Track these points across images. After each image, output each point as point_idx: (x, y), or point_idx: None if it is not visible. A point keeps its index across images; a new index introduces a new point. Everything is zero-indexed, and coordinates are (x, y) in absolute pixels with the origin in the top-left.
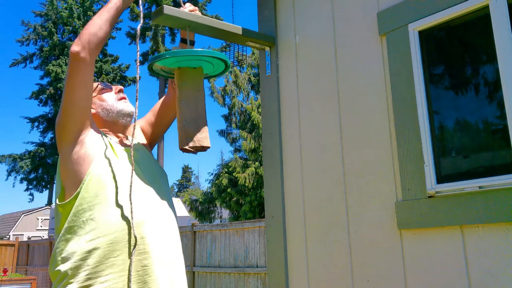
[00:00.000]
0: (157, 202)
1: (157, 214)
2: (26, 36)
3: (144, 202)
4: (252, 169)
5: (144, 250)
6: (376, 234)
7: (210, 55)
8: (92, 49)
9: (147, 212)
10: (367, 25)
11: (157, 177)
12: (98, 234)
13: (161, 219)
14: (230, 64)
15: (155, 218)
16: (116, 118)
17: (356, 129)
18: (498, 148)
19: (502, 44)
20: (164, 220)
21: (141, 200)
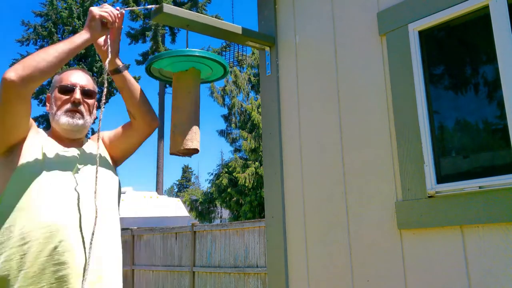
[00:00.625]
0: (85, 207)
1: (79, 220)
2: (26, 36)
3: (64, 208)
4: (252, 169)
5: (59, 261)
6: (376, 234)
7: (207, 56)
8: (30, 82)
9: (64, 219)
10: (367, 25)
11: (93, 183)
12: (9, 245)
13: (86, 226)
14: (228, 70)
15: (76, 224)
16: (57, 128)
17: (356, 129)
18: (498, 148)
19: (502, 44)
20: (87, 227)
21: (58, 205)
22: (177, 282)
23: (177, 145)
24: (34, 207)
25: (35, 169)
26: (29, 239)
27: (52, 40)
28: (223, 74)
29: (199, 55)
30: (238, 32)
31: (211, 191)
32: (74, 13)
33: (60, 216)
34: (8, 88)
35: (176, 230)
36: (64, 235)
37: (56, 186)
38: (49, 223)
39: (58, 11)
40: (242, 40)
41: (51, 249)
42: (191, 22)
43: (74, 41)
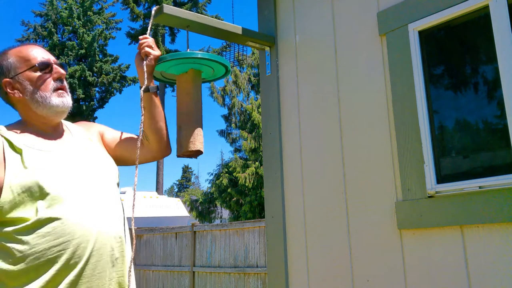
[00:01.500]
0: (89, 202)
1: (93, 217)
2: (26, 36)
3: (69, 203)
4: (252, 169)
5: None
6: (376, 234)
7: (209, 58)
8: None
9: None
10: (367, 25)
11: (102, 187)
12: (16, 254)
13: (95, 223)
14: (230, 69)
15: (88, 221)
16: (47, 114)
17: (356, 129)
18: (498, 148)
19: (502, 44)
20: (101, 225)
21: (65, 202)
22: (177, 282)
23: (181, 147)
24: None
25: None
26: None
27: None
28: (224, 73)
29: (201, 57)
30: (238, 32)
31: (211, 191)
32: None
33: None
34: None
35: (176, 230)
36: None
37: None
38: (83, 229)
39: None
40: (242, 40)
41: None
42: (191, 23)
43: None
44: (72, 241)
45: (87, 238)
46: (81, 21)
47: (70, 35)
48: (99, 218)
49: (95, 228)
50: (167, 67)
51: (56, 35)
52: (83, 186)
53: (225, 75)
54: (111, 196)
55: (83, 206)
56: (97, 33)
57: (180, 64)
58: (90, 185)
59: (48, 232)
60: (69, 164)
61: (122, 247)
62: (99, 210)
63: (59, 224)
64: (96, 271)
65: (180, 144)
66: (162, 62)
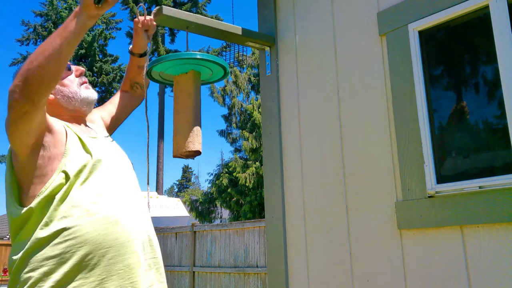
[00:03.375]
0: (133, 199)
1: (135, 213)
2: (26, 36)
3: (122, 201)
4: (253, 169)
5: (126, 255)
6: (376, 234)
7: (207, 59)
8: (41, 97)
9: (126, 212)
10: (367, 25)
11: (129, 169)
12: (72, 236)
13: (140, 218)
14: (229, 71)
15: (134, 217)
16: (79, 106)
17: (356, 129)
18: (498, 148)
19: (502, 44)
20: (142, 219)
21: (118, 198)
22: (177, 282)
23: (179, 147)
24: (92, 199)
25: (82, 158)
26: (93, 232)
27: None
28: (223, 75)
29: (199, 58)
30: (238, 32)
31: (211, 191)
32: None
33: (119, 210)
34: (18, 110)
35: (176, 230)
36: (122, 227)
37: (104, 177)
38: (109, 216)
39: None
40: (242, 41)
41: (112, 239)
42: (191, 24)
43: (69, 29)
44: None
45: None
46: None
47: None
48: (139, 217)
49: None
50: (166, 68)
51: None
52: (124, 179)
53: (223, 77)
54: (139, 195)
55: (128, 204)
56: (97, 33)
57: (179, 65)
58: (127, 179)
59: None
60: (111, 155)
61: (154, 248)
62: (138, 209)
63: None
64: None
65: (177, 144)
66: (161, 62)
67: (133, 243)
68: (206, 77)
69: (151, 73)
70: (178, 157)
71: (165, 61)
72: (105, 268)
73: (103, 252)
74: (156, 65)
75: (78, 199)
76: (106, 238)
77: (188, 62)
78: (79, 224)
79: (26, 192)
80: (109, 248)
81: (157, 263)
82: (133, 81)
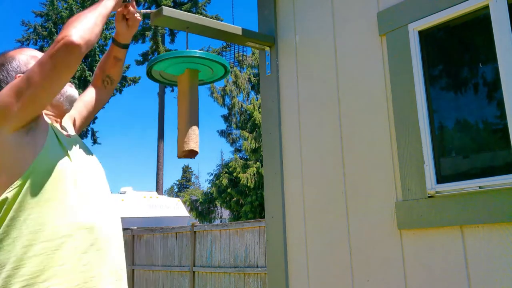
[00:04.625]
0: (106, 202)
1: (107, 217)
2: (26, 36)
3: (95, 205)
4: (254, 169)
5: (107, 253)
6: (376, 234)
7: (207, 57)
8: (89, 47)
9: (97, 215)
10: (367, 25)
11: (100, 172)
12: (40, 238)
13: (111, 223)
14: (229, 70)
15: (106, 222)
16: (63, 102)
17: (356, 129)
18: (498, 148)
19: (502, 44)
20: (113, 224)
21: (92, 203)
22: (177, 282)
23: (178, 148)
24: (66, 199)
25: (59, 155)
26: (62, 233)
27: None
28: (224, 74)
29: (199, 56)
30: (238, 33)
31: (211, 191)
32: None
33: (92, 213)
34: (73, 53)
35: (176, 230)
36: (97, 232)
37: (81, 179)
38: (86, 222)
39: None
40: (242, 41)
41: (87, 246)
42: (191, 25)
43: (107, 6)
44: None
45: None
46: None
47: None
48: (113, 218)
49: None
50: (166, 67)
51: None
52: (96, 178)
53: (224, 76)
54: (111, 198)
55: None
56: None
57: (179, 63)
58: (99, 178)
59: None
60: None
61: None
62: (111, 210)
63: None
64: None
65: (177, 144)
66: (160, 61)
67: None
68: (207, 76)
69: (152, 73)
70: (182, 157)
71: (164, 59)
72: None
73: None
74: (155, 64)
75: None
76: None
77: (188, 61)
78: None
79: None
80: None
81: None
82: (105, 74)
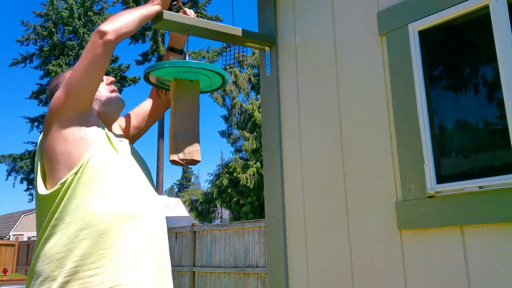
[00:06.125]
0: (151, 197)
1: (152, 210)
2: (26, 36)
3: (140, 197)
4: (254, 169)
5: (151, 242)
6: (376, 234)
7: (209, 69)
8: (119, 39)
9: (143, 207)
10: (367, 25)
11: (147, 174)
12: (89, 223)
13: (156, 216)
14: (227, 80)
15: (151, 214)
16: (109, 111)
17: (356, 129)
18: (498, 148)
19: (502, 44)
20: (158, 217)
21: (137, 194)
22: (177, 282)
23: (183, 154)
24: (112, 190)
25: (108, 152)
26: (107, 220)
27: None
28: (221, 84)
29: (198, 67)
30: (238, 34)
31: (211, 191)
32: (75, 13)
33: (137, 205)
34: (107, 45)
35: (176, 230)
36: (141, 221)
37: (126, 172)
38: (131, 212)
39: (58, 11)
40: (242, 42)
41: (131, 232)
42: (191, 27)
43: (151, 9)
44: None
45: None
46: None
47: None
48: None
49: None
50: (163, 74)
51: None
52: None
53: (221, 86)
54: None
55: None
56: None
57: (178, 72)
58: (145, 176)
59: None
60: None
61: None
62: (156, 205)
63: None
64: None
65: (177, 149)
66: (157, 69)
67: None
68: (206, 85)
69: (149, 77)
70: (175, 162)
71: (163, 67)
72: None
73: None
74: (154, 71)
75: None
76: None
77: (187, 70)
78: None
79: (51, 177)
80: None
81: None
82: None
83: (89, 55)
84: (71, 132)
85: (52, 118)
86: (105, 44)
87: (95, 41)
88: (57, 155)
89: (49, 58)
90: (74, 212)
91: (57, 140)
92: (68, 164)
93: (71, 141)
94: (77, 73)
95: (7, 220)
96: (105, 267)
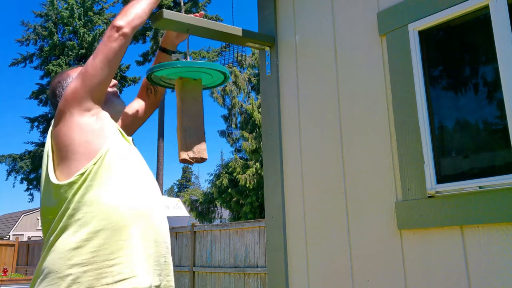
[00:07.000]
0: (158, 197)
1: (160, 209)
2: (26, 36)
3: (150, 193)
4: (253, 169)
5: (157, 239)
6: (376, 234)
7: (212, 68)
8: (134, 31)
9: (154, 205)
10: (367, 25)
11: (150, 172)
12: (106, 215)
13: (162, 215)
14: (229, 76)
15: (159, 212)
16: (112, 113)
17: (356, 128)
18: (498, 148)
19: (502, 44)
20: (164, 216)
21: (149, 192)
22: (177, 282)
23: (189, 151)
24: (127, 184)
25: (123, 145)
26: (125, 214)
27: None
28: (223, 80)
29: (201, 67)
30: (238, 34)
31: (211, 191)
32: (75, 13)
33: (149, 200)
34: (124, 38)
35: (176, 230)
36: (155, 216)
37: (138, 167)
38: (143, 207)
39: (58, 11)
40: (242, 41)
41: (143, 227)
42: (191, 27)
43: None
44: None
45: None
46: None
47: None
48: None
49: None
50: (166, 74)
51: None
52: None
53: (224, 82)
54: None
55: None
56: (98, 33)
57: (181, 72)
58: (151, 174)
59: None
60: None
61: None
62: (160, 206)
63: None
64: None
65: (187, 148)
66: (160, 70)
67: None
68: (208, 81)
69: (152, 78)
70: (185, 161)
71: (165, 68)
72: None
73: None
74: (157, 71)
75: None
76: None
77: (191, 70)
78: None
79: (66, 167)
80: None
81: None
82: (149, 84)
83: (105, 48)
84: (88, 122)
85: (68, 109)
86: (122, 37)
87: (112, 35)
88: (75, 144)
89: (49, 58)
90: (92, 203)
91: (75, 130)
92: (88, 154)
93: (90, 131)
94: (95, 65)
95: (7, 220)
96: (123, 257)
